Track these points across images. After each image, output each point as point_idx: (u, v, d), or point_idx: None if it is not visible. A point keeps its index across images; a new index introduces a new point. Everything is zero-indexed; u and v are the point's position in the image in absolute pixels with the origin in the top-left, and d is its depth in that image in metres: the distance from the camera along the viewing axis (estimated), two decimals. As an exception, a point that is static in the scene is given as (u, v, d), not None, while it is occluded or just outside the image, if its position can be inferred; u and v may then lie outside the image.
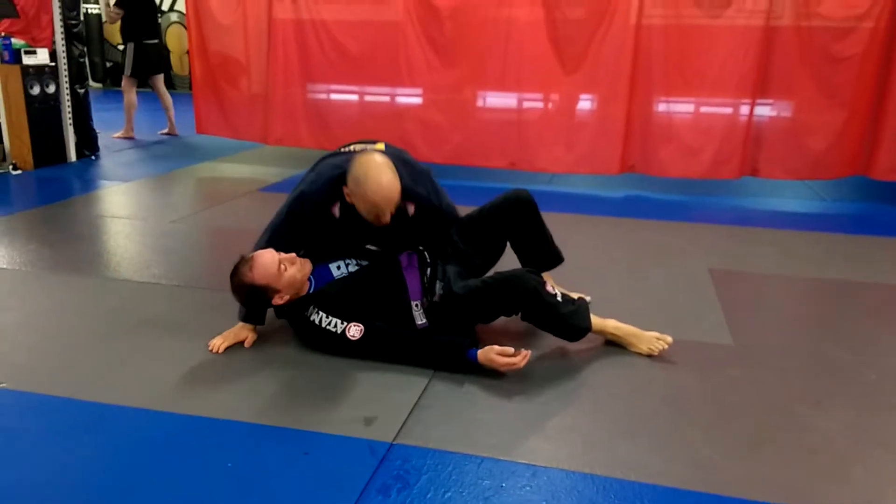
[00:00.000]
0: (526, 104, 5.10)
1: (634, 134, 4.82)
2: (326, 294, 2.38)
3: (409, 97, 5.31)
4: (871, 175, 4.56)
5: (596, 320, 2.44)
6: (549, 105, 5.09)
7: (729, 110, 4.72)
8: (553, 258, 2.75)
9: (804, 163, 4.60)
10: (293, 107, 5.43)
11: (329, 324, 2.31)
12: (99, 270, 3.18)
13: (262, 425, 1.93)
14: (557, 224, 2.73)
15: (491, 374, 2.22)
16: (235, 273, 2.33)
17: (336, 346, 2.33)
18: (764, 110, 4.67)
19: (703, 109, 4.85)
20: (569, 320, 2.37)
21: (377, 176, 2.27)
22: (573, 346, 2.45)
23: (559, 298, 2.38)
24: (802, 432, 1.94)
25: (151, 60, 6.75)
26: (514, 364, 2.18)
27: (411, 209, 2.50)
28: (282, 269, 2.30)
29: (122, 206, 4.47)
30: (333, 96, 5.55)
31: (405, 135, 5.17)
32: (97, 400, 2.05)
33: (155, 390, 2.11)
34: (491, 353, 2.20)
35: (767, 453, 1.84)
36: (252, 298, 2.35)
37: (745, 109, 4.62)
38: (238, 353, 2.38)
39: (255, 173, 5.35)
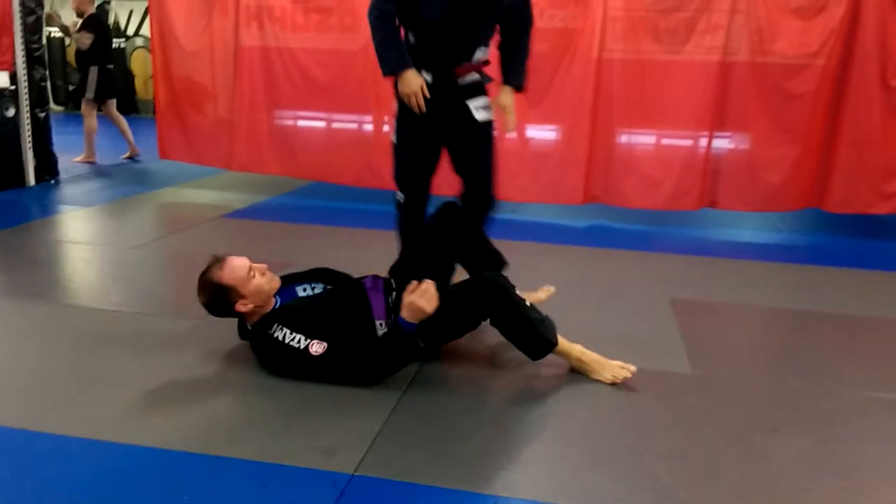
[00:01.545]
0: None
1: (597, 165, 4.91)
2: (291, 309, 2.38)
3: (375, 125, 5.33)
4: (824, 208, 4.71)
5: (563, 341, 2.46)
6: (515, 135, 5.16)
7: (688, 143, 4.84)
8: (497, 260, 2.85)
9: (761, 195, 4.72)
10: (258, 133, 5.41)
11: (292, 339, 2.28)
12: (56, 297, 3.11)
13: (220, 457, 1.89)
14: (522, 252, 2.77)
15: (455, 403, 2.22)
16: (206, 271, 2.38)
17: (298, 364, 2.30)
18: (722, 144, 4.80)
19: (664, 142, 4.96)
20: (536, 328, 2.38)
21: None
22: (537, 375, 2.46)
23: (528, 303, 2.40)
24: (761, 461, 1.98)
25: (111, 85, 6.76)
26: (424, 291, 2.22)
27: None
28: (251, 274, 2.35)
29: (81, 231, 4.38)
30: (300, 123, 5.56)
31: (373, 163, 5.18)
32: (52, 431, 1.99)
33: (111, 421, 2.06)
34: (408, 300, 2.23)
35: (727, 482, 1.87)
36: (217, 299, 2.37)
37: (703, 142, 4.75)
38: (196, 380, 2.35)
39: (218, 199, 5.31)
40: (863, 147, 4.54)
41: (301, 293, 2.48)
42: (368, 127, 5.36)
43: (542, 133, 5.11)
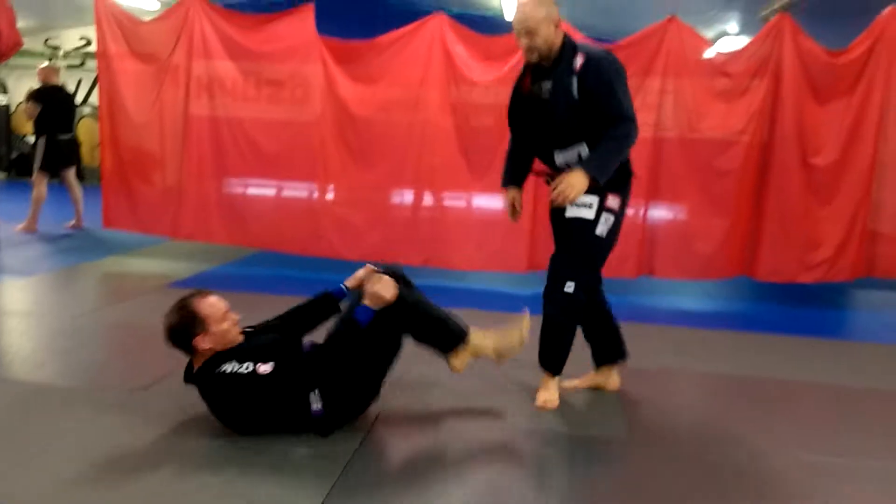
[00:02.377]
0: (441, 203, 5.31)
1: (540, 234, 5.06)
2: (238, 347, 2.46)
3: (326, 193, 5.41)
4: (754, 276, 4.95)
5: (474, 334, 2.67)
6: (462, 205, 5.32)
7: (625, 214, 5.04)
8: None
9: (695, 264, 4.94)
10: (206, 202, 5.42)
11: (240, 368, 2.33)
12: (-12, 370, 3.02)
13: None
14: (469, 319, 2.83)
15: (392, 480, 2.23)
16: (185, 297, 2.46)
17: (248, 391, 2.33)
18: (657, 215, 5.03)
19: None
20: (445, 319, 2.63)
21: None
22: (477, 448, 2.50)
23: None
24: (693, 523, 2.04)
25: (63, 154, 6.73)
26: (383, 280, 2.46)
27: (579, 61, 2.62)
28: (225, 315, 2.43)
29: (19, 301, 4.28)
30: (248, 191, 5.59)
31: (322, 231, 5.24)
32: (-24, 510, 1.93)
33: (47, 496, 2.01)
34: (370, 290, 2.44)
35: (660, 545, 1.92)
36: (183, 325, 2.40)
37: (639, 214, 4.96)
38: (134, 452, 2.31)
39: (163, 268, 5.26)
40: (787, 220, 4.83)
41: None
42: (318, 196, 5.43)
43: (487, 203, 5.28)
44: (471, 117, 5.13)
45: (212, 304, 2.44)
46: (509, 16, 5.66)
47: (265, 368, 2.34)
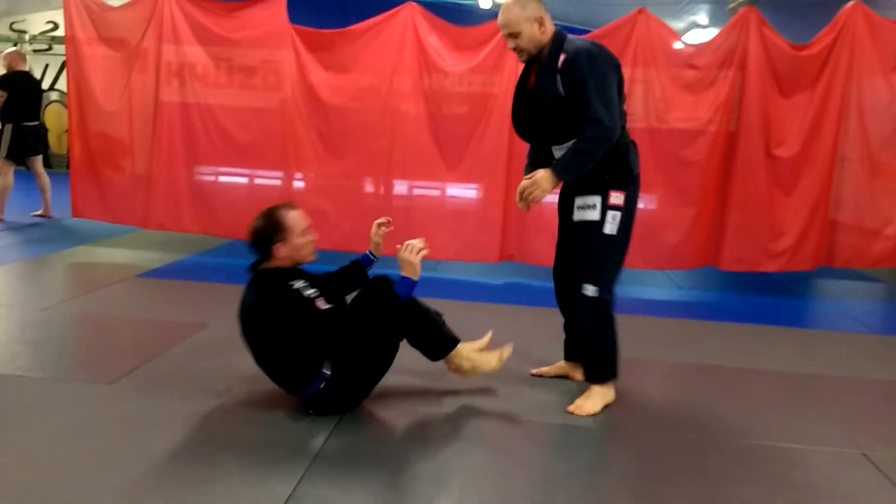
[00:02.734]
0: (413, 192, 5.34)
1: (512, 225, 5.13)
2: (311, 275, 2.71)
3: (298, 182, 5.40)
4: (719, 266, 5.06)
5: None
6: (435, 195, 5.36)
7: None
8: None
9: (661, 254, 5.04)
10: (177, 191, 5.38)
11: (305, 289, 2.51)
12: (-45, 363, 3.00)
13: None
14: (442, 309, 2.88)
15: (361, 472, 2.28)
16: (274, 206, 2.65)
17: (300, 310, 2.48)
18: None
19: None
20: (441, 326, 2.73)
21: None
22: (439, 437, 2.56)
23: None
24: (651, 508, 2.12)
25: (30, 142, 6.62)
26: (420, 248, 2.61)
27: (562, 58, 2.60)
28: (305, 231, 2.62)
29: (-15, 292, 4.24)
30: (220, 179, 5.56)
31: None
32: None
33: (16, 490, 2.02)
34: (406, 256, 2.59)
35: (620, 529, 2.00)
36: (268, 229, 2.59)
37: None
38: (103, 446, 2.32)
39: (133, 258, 5.23)
40: (751, 210, 4.94)
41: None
42: (290, 184, 5.42)
43: (461, 193, 5.32)
44: (443, 106, 5.15)
45: (296, 218, 2.63)
46: (483, 3, 5.68)
47: (323, 305, 2.51)
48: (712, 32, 7.28)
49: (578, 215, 2.77)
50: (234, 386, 2.87)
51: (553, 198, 5.28)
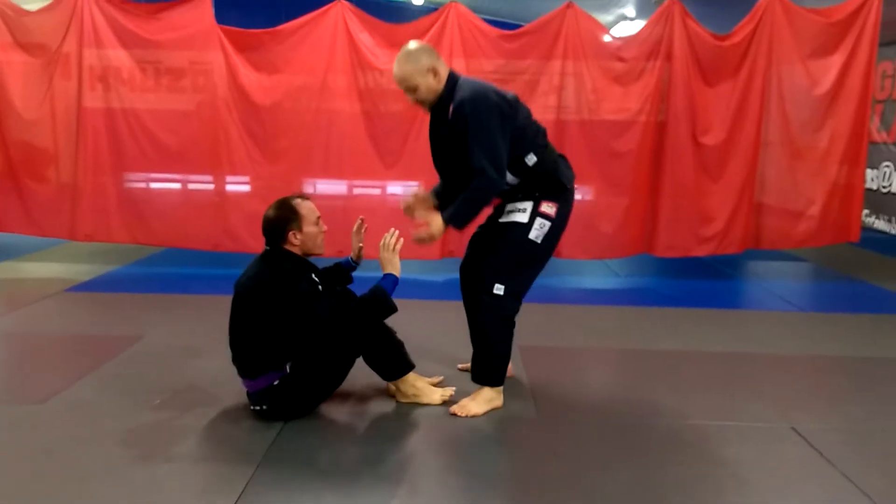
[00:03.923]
0: (353, 192, 5.31)
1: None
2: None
3: (233, 186, 5.30)
4: (653, 253, 5.19)
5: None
6: (375, 194, 5.33)
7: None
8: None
9: (598, 244, 5.14)
10: (105, 200, 5.18)
11: (317, 287, 2.60)
12: None
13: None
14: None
15: (311, 461, 2.27)
16: (288, 196, 2.68)
17: (310, 305, 2.52)
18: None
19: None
20: (401, 347, 2.80)
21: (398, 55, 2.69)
22: (383, 437, 2.56)
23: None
24: (592, 495, 2.17)
25: None
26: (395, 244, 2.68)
27: (451, 108, 2.63)
28: (318, 222, 2.67)
29: None
30: (150, 186, 5.40)
31: (230, 227, 5.14)
32: None
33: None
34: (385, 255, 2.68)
35: (563, 517, 2.04)
36: (282, 219, 2.61)
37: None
38: (34, 469, 2.24)
39: (61, 272, 5.04)
40: (680, 197, 5.08)
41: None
42: (232, 188, 5.30)
43: (400, 190, 5.31)
44: (379, 104, 5.12)
45: (309, 208, 2.67)
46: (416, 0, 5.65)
47: (325, 305, 2.55)
48: (640, 24, 7.46)
49: (505, 217, 2.78)
50: (170, 399, 2.80)
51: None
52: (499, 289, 2.70)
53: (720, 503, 2.14)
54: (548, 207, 2.73)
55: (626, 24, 9.11)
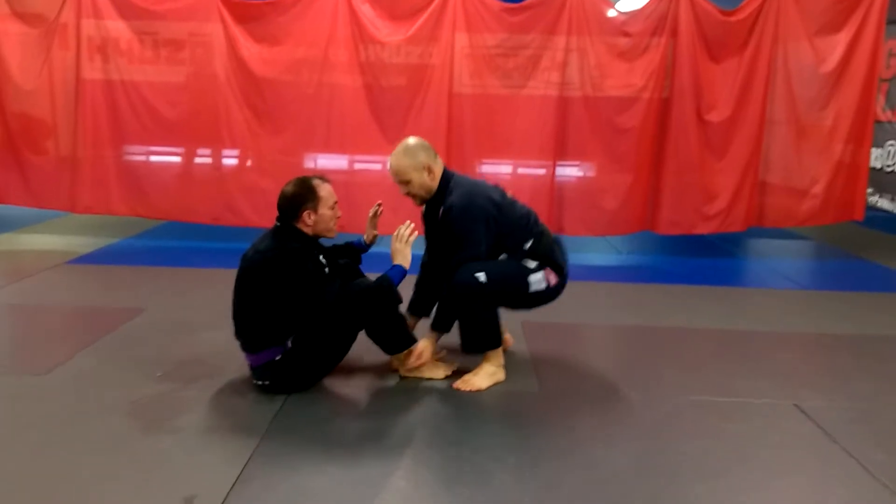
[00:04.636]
0: (354, 166, 5.27)
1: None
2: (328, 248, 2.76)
3: (232, 159, 5.25)
4: (656, 230, 5.18)
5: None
6: (376, 169, 5.29)
7: (534, 173, 5.17)
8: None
9: (600, 221, 5.13)
10: (104, 173, 5.15)
11: (325, 268, 2.63)
12: None
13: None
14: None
15: (312, 446, 2.27)
16: (309, 176, 2.67)
17: (315, 287, 2.53)
18: (565, 174, 5.17)
19: (513, 172, 5.28)
20: (404, 322, 2.80)
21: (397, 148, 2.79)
22: (387, 410, 2.56)
23: None
24: (596, 468, 2.17)
25: None
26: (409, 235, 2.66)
27: (442, 209, 2.73)
28: (334, 206, 2.66)
29: None
30: (150, 159, 5.36)
31: (231, 200, 5.11)
32: None
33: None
34: (397, 246, 2.66)
35: (567, 489, 2.04)
36: (300, 196, 2.61)
37: (548, 172, 5.09)
38: (42, 438, 2.24)
39: (62, 244, 5.01)
40: (684, 174, 5.06)
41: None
42: (225, 163, 5.27)
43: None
44: (381, 78, 5.07)
45: (328, 191, 2.66)
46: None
47: (331, 290, 2.55)
48: (644, -1, 7.36)
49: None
50: (173, 371, 2.80)
51: (491, 168, 5.40)
52: (481, 276, 2.68)
53: (723, 478, 2.14)
54: (551, 275, 2.84)
55: (631, -1, 9.01)
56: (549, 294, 2.86)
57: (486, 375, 2.78)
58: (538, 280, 2.80)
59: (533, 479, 2.09)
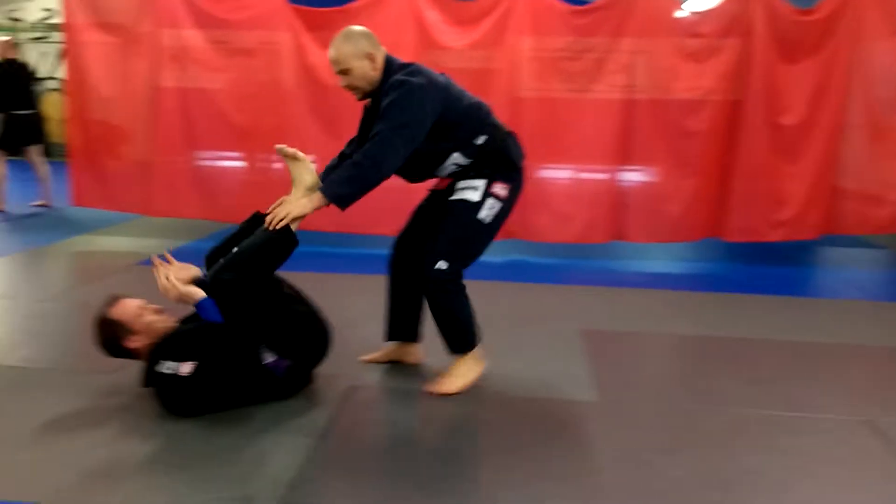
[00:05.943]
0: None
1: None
2: (168, 338, 2.43)
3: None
4: (723, 237, 5.02)
5: None
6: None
7: (596, 178, 5.11)
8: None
9: (664, 227, 5.01)
10: (178, 177, 5.36)
11: (167, 368, 2.33)
12: (-40, 353, 3.02)
13: (133, 509, 1.91)
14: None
15: (366, 452, 2.29)
16: (97, 313, 2.50)
17: (175, 392, 2.37)
18: (628, 178, 5.08)
19: (574, 177, 5.22)
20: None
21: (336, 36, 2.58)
22: (442, 416, 2.56)
23: None
24: (653, 479, 2.12)
25: (22, 132, 6.57)
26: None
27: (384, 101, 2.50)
28: (141, 311, 2.49)
29: (-10, 282, 4.26)
30: (220, 163, 5.54)
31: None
32: (-48, 493, 1.96)
33: (18, 479, 2.04)
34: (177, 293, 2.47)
35: (625, 499, 2.00)
36: (106, 336, 2.49)
37: (610, 177, 5.01)
38: (109, 433, 2.34)
39: (134, 246, 5.22)
40: (755, 179, 4.89)
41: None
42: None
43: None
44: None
45: (123, 307, 2.50)
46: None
47: (186, 369, 2.33)
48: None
49: (456, 195, 2.68)
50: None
51: (553, 173, 5.34)
52: (441, 264, 2.61)
53: (787, 494, 2.06)
54: (500, 189, 2.66)
55: None
56: (507, 207, 2.69)
57: (459, 377, 2.72)
58: (488, 207, 2.63)
59: (591, 489, 2.06)
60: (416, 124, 2.48)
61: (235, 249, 2.51)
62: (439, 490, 2.05)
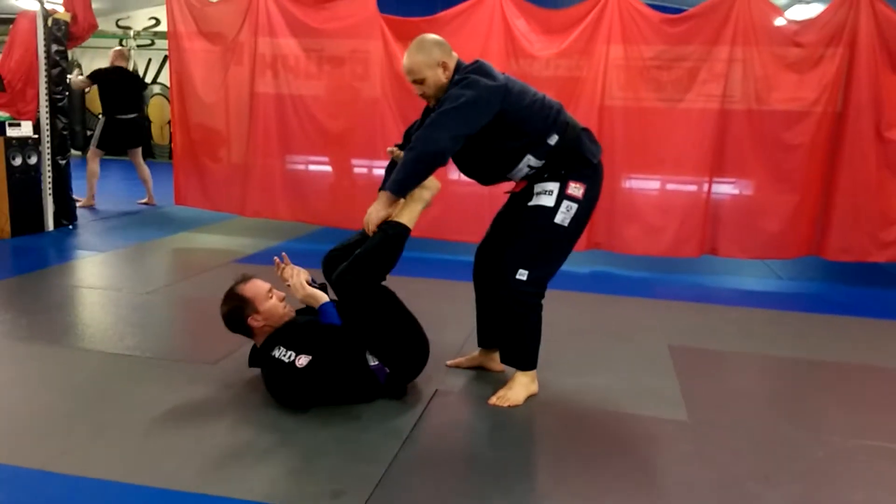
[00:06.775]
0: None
1: (600, 212, 4.96)
2: (289, 326, 2.59)
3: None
4: (823, 255, 4.78)
5: None
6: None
7: (688, 190, 4.96)
8: None
9: (759, 243, 4.81)
10: (271, 179, 5.57)
11: (282, 355, 2.46)
12: (73, 341, 3.22)
13: (230, 498, 1.97)
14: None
15: (455, 452, 2.29)
16: (230, 287, 2.65)
17: (287, 380, 2.46)
18: (721, 191, 4.91)
19: (664, 189, 5.09)
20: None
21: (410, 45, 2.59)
22: (530, 422, 2.53)
23: None
24: (750, 507, 2.04)
25: (124, 135, 6.92)
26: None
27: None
28: (269, 295, 2.62)
29: (97, 276, 4.52)
30: (311, 168, 5.72)
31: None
32: (66, 472, 2.08)
33: (126, 462, 2.15)
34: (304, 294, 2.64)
35: (716, 528, 1.93)
36: (233, 310, 2.62)
37: (703, 189, 4.86)
38: (209, 422, 2.43)
39: (230, 244, 5.44)
40: (859, 196, 4.64)
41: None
42: (379, 172, 5.49)
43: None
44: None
45: (254, 286, 2.64)
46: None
47: (302, 361, 2.43)
48: (816, 8, 6.86)
49: (533, 200, 2.64)
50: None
51: (642, 184, 5.22)
52: (522, 274, 2.58)
53: (898, 534, 1.94)
54: (575, 189, 2.60)
55: (801, 8, 8.42)
56: (586, 207, 2.62)
57: (521, 387, 2.70)
58: (564, 210, 2.57)
59: (679, 512, 2.00)
60: (466, 106, 2.45)
61: (357, 252, 2.62)
62: (520, 498, 2.03)
